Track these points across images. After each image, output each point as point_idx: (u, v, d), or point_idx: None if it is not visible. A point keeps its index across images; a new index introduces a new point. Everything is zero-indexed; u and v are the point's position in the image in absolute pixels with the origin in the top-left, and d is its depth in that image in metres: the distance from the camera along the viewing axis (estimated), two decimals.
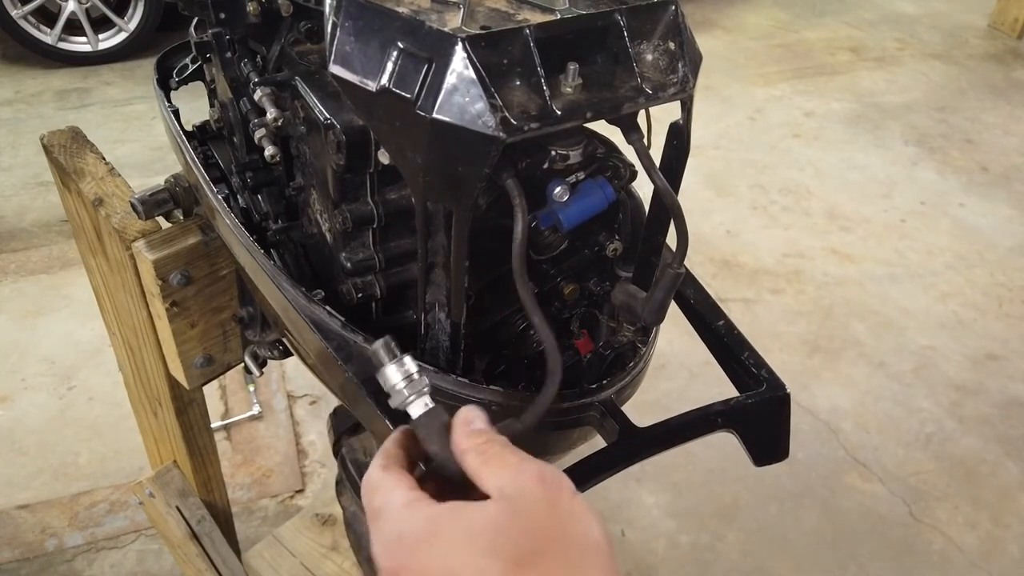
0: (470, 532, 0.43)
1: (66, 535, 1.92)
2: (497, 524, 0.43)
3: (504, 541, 0.42)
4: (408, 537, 0.44)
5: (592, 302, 0.76)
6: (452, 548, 0.43)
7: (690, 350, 2.35)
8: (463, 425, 0.49)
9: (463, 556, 0.42)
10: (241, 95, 0.81)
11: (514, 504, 0.44)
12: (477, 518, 0.44)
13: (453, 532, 0.43)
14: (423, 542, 0.44)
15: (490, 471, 0.46)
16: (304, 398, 2.30)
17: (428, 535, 0.44)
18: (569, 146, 0.59)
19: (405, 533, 0.44)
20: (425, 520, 0.45)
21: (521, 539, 0.43)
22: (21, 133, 3.56)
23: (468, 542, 0.43)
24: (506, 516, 0.44)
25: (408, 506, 0.46)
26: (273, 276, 0.72)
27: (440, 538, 0.43)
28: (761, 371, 0.73)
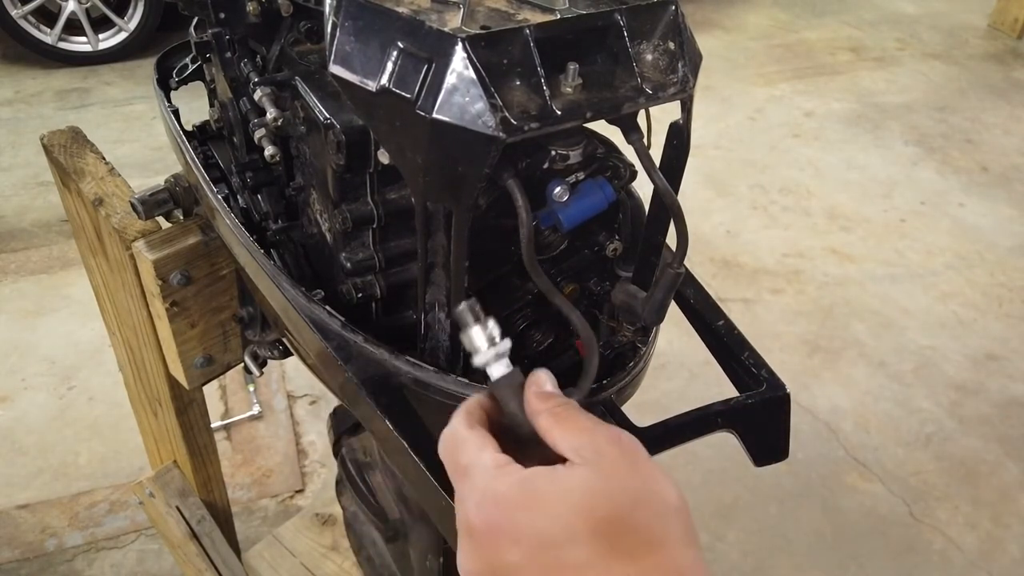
0: (562, 495, 0.44)
1: (66, 535, 1.92)
2: (586, 487, 0.44)
3: (594, 503, 0.44)
4: (504, 499, 0.45)
5: (592, 302, 0.76)
6: (546, 509, 0.44)
7: (690, 350, 2.35)
8: (535, 386, 0.51)
9: (557, 517, 0.43)
10: (241, 95, 0.81)
11: (597, 467, 0.45)
12: (568, 483, 0.45)
13: (546, 495, 0.44)
14: (519, 502, 0.45)
15: (563, 432, 0.48)
16: (304, 398, 2.30)
17: (523, 496, 0.45)
18: (569, 146, 0.59)
19: (499, 493, 0.45)
20: (519, 483, 0.46)
21: (610, 501, 0.44)
22: (21, 133, 3.56)
23: (561, 504, 0.44)
24: (594, 479, 0.45)
25: (500, 468, 0.47)
26: (273, 276, 0.72)
27: (535, 502, 0.44)
28: (761, 371, 0.73)
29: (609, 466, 0.46)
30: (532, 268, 0.56)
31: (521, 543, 0.44)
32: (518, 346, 0.73)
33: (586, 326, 0.56)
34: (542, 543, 0.44)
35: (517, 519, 0.44)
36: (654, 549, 0.44)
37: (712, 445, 0.97)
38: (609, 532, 0.43)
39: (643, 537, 0.44)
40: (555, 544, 0.43)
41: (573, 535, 0.43)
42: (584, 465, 0.46)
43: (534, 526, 0.44)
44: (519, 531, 0.44)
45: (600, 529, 0.43)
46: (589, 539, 0.43)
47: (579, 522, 0.43)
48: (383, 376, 0.63)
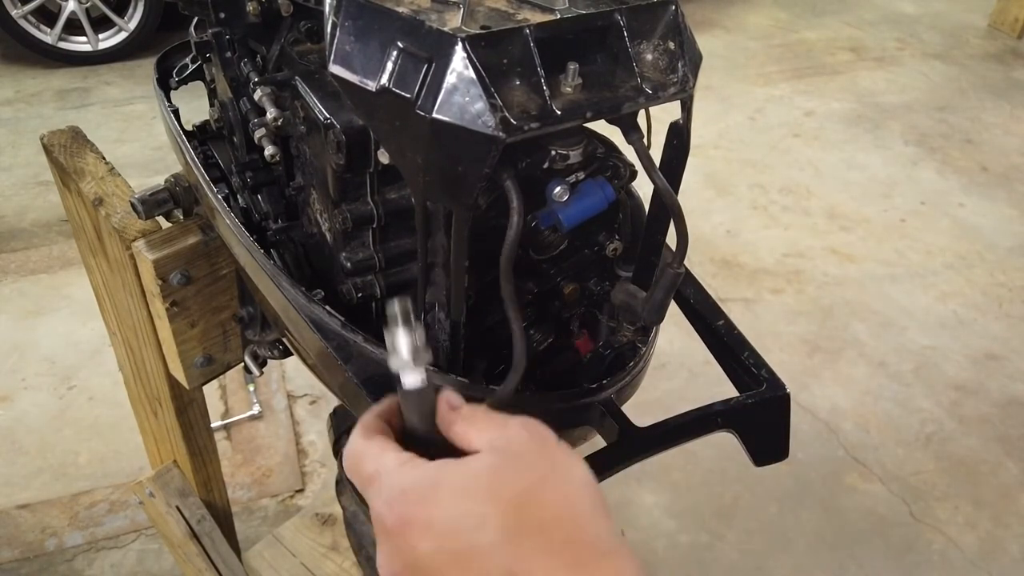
0: (469, 480, 0.45)
1: (66, 535, 1.92)
2: (492, 470, 0.45)
3: (500, 485, 0.44)
4: (411, 491, 0.46)
5: (592, 302, 0.76)
6: (454, 497, 0.44)
7: (690, 350, 2.35)
8: (446, 402, 0.51)
9: (465, 503, 0.44)
10: (241, 95, 0.81)
11: (505, 452, 0.46)
12: (473, 467, 0.46)
13: (453, 482, 0.45)
14: (427, 494, 0.45)
15: (477, 431, 0.49)
16: (304, 398, 2.30)
17: (430, 487, 0.45)
18: (569, 146, 0.59)
19: (407, 487, 0.46)
20: (424, 474, 0.46)
21: (516, 482, 0.45)
22: (21, 133, 3.56)
23: (468, 490, 0.44)
24: (499, 462, 0.46)
25: (404, 464, 0.48)
26: (273, 276, 0.72)
27: (442, 489, 0.45)
28: (761, 371, 0.73)
29: (517, 450, 0.47)
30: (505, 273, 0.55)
31: (432, 531, 0.44)
32: None
33: (521, 339, 0.56)
34: (452, 529, 0.44)
35: (426, 509, 0.45)
36: (563, 524, 0.44)
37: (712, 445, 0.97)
38: (517, 511, 0.43)
39: (551, 513, 0.44)
40: (465, 529, 0.43)
41: (482, 518, 0.43)
42: (490, 452, 0.47)
43: (443, 513, 0.44)
44: (429, 520, 0.44)
45: (508, 510, 0.43)
46: (498, 520, 0.43)
47: (487, 505, 0.44)
48: (383, 376, 0.63)
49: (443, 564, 0.44)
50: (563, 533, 0.44)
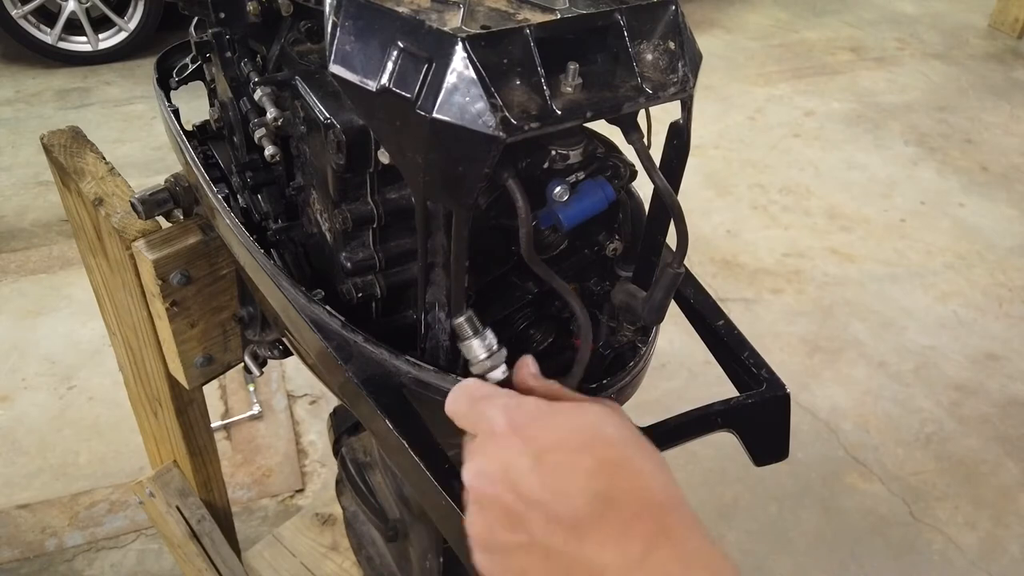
0: (580, 423, 0.50)
1: (66, 535, 1.92)
2: (600, 422, 0.50)
3: (601, 440, 0.49)
4: (531, 408, 0.50)
5: (592, 302, 0.76)
6: (562, 431, 0.49)
7: (690, 350, 2.35)
8: (526, 368, 0.56)
9: (570, 439, 0.48)
10: (241, 95, 0.81)
11: (605, 413, 0.51)
12: (585, 413, 0.51)
13: (566, 418, 0.50)
14: (543, 416, 0.50)
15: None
16: (304, 398, 2.30)
17: (548, 412, 0.50)
18: (569, 146, 0.59)
19: (526, 404, 0.51)
20: (542, 402, 0.51)
21: (621, 430, 0.50)
22: (21, 133, 3.56)
23: (575, 430, 0.49)
24: (604, 418, 0.50)
25: (521, 396, 0.52)
26: (273, 276, 0.72)
27: (557, 417, 0.50)
28: (761, 371, 0.73)
29: (607, 411, 0.51)
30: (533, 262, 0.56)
31: (535, 447, 0.48)
32: (518, 346, 0.73)
33: (585, 313, 0.59)
34: (554, 452, 0.47)
35: (538, 426, 0.49)
36: (644, 494, 0.47)
37: (712, 445, 0.97)
38: (610, 477, 0.47)
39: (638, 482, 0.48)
40: (565, 448, 0.48)
41: (587, 446, 0.48)
42: (597, 408, 0.51)
43: (551, 437, 0.48)
44: (537, 437, 0.48)
45: (603, 470, 0.47)
46: (593, 475, 0.47)
47: (587, 453, 0.48)
48: (383, 376, 0.63)
49: (543, 482, 0.47)
50: (642, 502, 0.47)
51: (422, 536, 1.12)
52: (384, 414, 0.60)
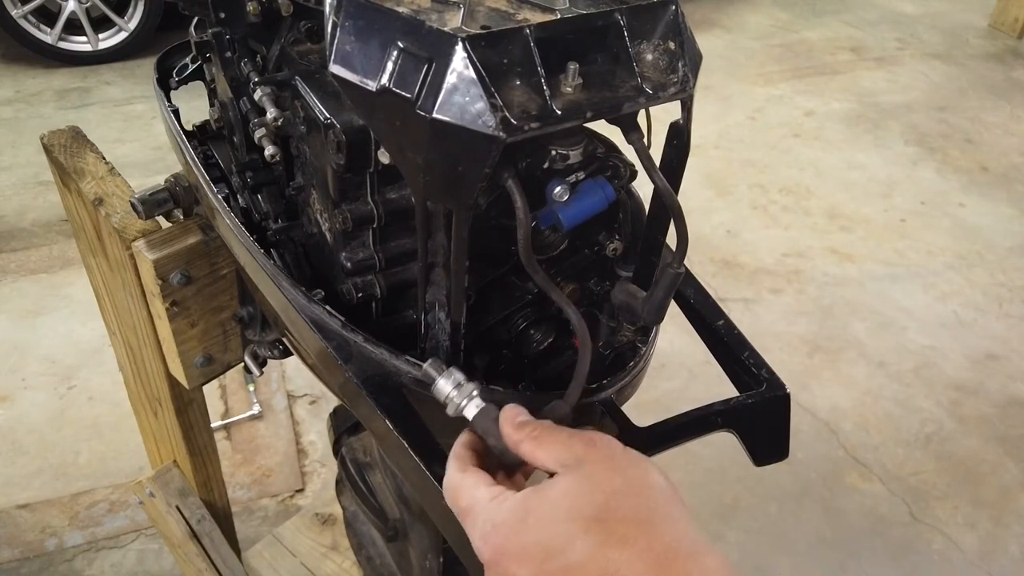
0: (551, 506, 0.49)
1: (66, 535, 1.92)
2: (569, 493, 0.49)
3: (580, 505, 0.48)
4: (501, 525, 0.50)
5: (592, 302, 0.76)
6: (540, 524, 0.48)
7: (690, 350, 2.35)
8: (509, 422, 0.55)
9: (552, 527, 0.48)
10: (241, 95, 0.81)
11: (578, 472, 0.50)
12: (553, 493, 0.49)
13: (537, 511, 0.49)
14: (515, 526, 0.49)
15: (545, 452, 0.52)
16: (304, 398, 2.30)
17: (517, 520, 0.49)
18: (569, 146, 0.59)
19: (498, 522, 0.50)
20: (511, 507, 0.50)
21: (593, 499, 0.48)
22: (21, 133, 3.56)
23: (552, 515, 0.48)
24: (575, 484, 0.49)
25: (493, 499, 0.51)
26: (273, 276, 0.72)
27: (528, 519, 0.49)
28: (761, 371, 0.73)
29: (589, 467, 0.50)
30: (531, 267, 0.56)
31: (527, 558, 0.48)
32: (518, 346, 0.73)
33: (582, 323, 0.58)
34: (545, 554, 0.47)
35: (518, 538, 0.49)
36: (644, 530, 0.47)
37: (712, 445, 0.97)
38: (600, 526, 0.47)
39: (632, 521, 0.48)
40: (557, 551, 0.47)
41: (570, 538, 0.47)
42: (566, 474, 0.50)
43: (534, 541, 0.48)
44: (523, 549, 0.48)
45: (591, 527, 0.47)
46: (584, 537, 0.47)
47: (571, 526, 0.47)
48: (383, 376, 0.63)
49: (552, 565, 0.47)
50: (645, 540, 0.47)
51: (422, 536, 1.12)
52: (384, 414, 0.60)
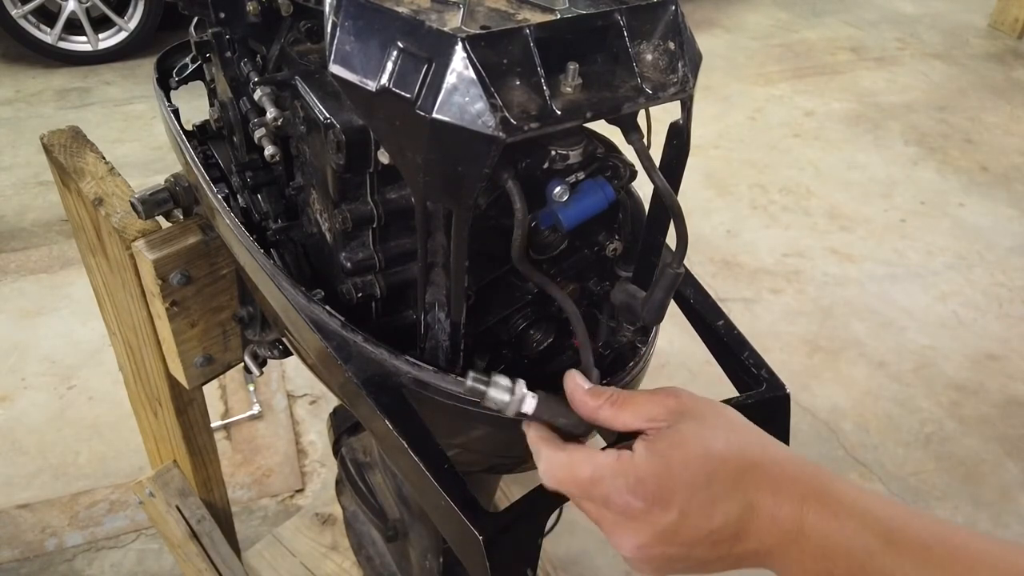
0: (684, 451, 0.52)
1: (66, 534, 1.92)
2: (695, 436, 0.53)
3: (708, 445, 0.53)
4: (648, 477, 0.52)
5: (592, 302, 0.76)
6: (683, 471, 0.52)
7: (690, 350, 2.35)
8: (578, 390, 0.58)
9: (692, 471, 0.52)
10: (241, 95, 0.81)
11: (692, 419, 0.54)
12: (680, 437, 0.53)
13: (676, 457, 0.52)
14: (662, 473, 0.52)
15: (631, 413, 0.56)
16: (304, 398, 2.30)
17: (662, 467, 0.52)
18: (569, 146, 0.59)
19: (641, 475, 0.52)
20: (647, 459, 0.53)
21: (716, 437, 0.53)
22: (21, 132, 3.56)
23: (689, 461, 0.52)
24: (695, 429, 0.54)
25: (619, 459, 0.53)
26: (273, 276, 0.72)
27: (672, 468, 0.52)
28: (761, 371, 0.73)
29: (698, 414, 0.55)
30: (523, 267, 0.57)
31: (676, 502, 0.51)
32: (518, 346, 0.73)
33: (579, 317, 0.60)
34: (691, 492, 0.51)
35: (669, 484, 0.52)
36: (767, 457, 0.53)
37: None
38: (728, 462, 0.52)
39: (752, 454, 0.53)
40: (700, 489, 0.51)
41: (709, 476, 0.52)
42: (680, 423, 0.54)
43: (684, 484, 0.51)
44: (673, 493, 0.51)
45: (726, 461, 0.52)
46: (722, 472, 0.52)
47: (708, 464, 0.52)
48: (383, 376, 0.63)
49: (688, 525, 0.51)
50: (768, 466, 0.53)
51: (422, 536, 1.12)
52: (384, 414, 0.60)
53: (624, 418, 0.56)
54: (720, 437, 0.53)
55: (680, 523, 0.51)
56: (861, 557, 0.50)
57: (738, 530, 0.52)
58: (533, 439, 0.59)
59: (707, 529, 0.51)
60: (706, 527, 0.51)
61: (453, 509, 0.56)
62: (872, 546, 0.50)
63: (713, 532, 0.51)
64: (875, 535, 0.50)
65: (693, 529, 0.51)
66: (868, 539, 0.50)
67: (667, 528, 0.52)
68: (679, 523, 0.51)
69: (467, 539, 0.56)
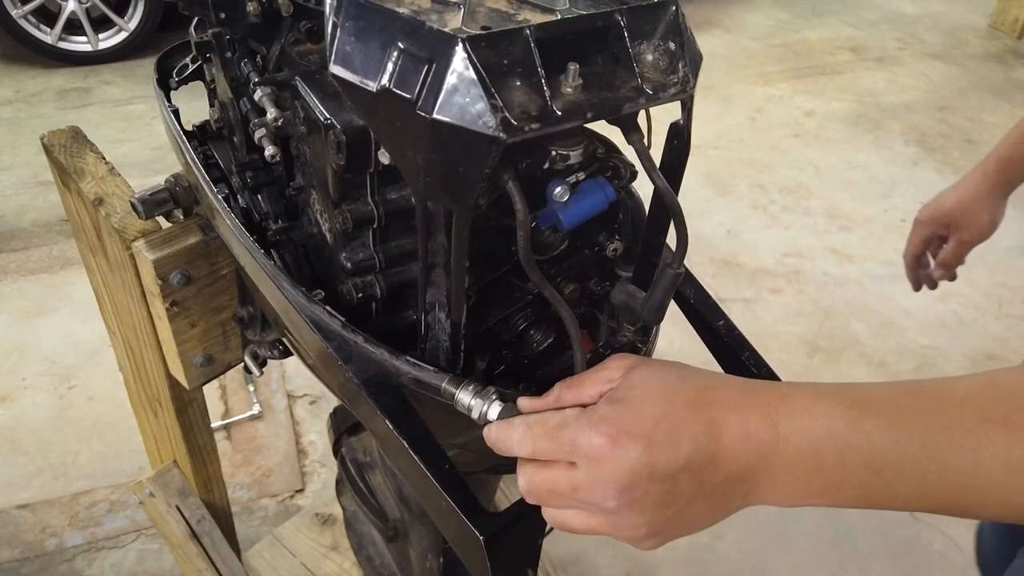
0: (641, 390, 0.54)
1: (66, 535, 1.92)
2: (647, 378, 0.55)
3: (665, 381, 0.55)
4: (608, 415, 0.53)
5: (592, 302, 0.76)
6: (643, 403, 0.53)
7: (690, 350, 2.35)
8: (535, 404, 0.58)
9: (652, 404, 0.53)
10: (241, 95, 0.81)
11: (639, 367, 0.57)
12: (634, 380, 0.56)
13: (634, 397, 0.54)
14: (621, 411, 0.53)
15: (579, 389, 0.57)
16: (304, 398, 2.30)
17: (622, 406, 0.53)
18: (569, 146, 0.59)
19: (602, 414, 0.53)
20: (608, 404, 0.54)
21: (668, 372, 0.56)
22: (21, 133, 3.56)
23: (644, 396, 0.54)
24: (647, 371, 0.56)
25: (584, 409, 0.54)
26: (273, 276, 0.72)
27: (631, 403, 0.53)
28: (761, 371, 0.73)
29: (642, 363, 0.57)
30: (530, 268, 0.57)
31: (639, 434, 0.51)
32: (518, 346, 0.73)
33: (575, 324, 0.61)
34: (654, 423, 0.52)
35: (630, 418, 0.52)
36: (722, 383, 0.56)
37: None
38: (689, 391, 0.54)
39: (706, 384, 0.55)
40: (662, 417, 0.52)
41: (669, 404, 0.53)
42: (631, 372, 0.56)
43: (645, 415, 0.52)
44: (635, 425, 0.52)
45: (686, 391, 0.54)
46: (680, 400, 0.53)
47: (668, 395, 0.53)
48: (383, 376, 0.63)
49: (659, 454, 0.51)
50: (724, 389, 0.55)
51: (422, 536, 1.12)
52: (384, 414, 0.60)
53: (585, 390, 0.57)
54: (672, 372, 0.56)
55: (651, 453, 0.51)
56: (843, 432, 0.50)
57: (712, 454, 0.51)
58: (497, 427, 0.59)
59: (680, 457, 0.51)
60: (678, 455, 0.51)
61: (453, 509, 0.56)
62: (848, 417, 0.50)
63: (688, 460, 0.51)
64: (847, 408, 0.51)
65: (666, 458, 0.51)
66: (842, 413, 0.51)
67: (639, 461, 0.51)
68: (650, 453, 0.51)
69: (467, 539, 0.56)
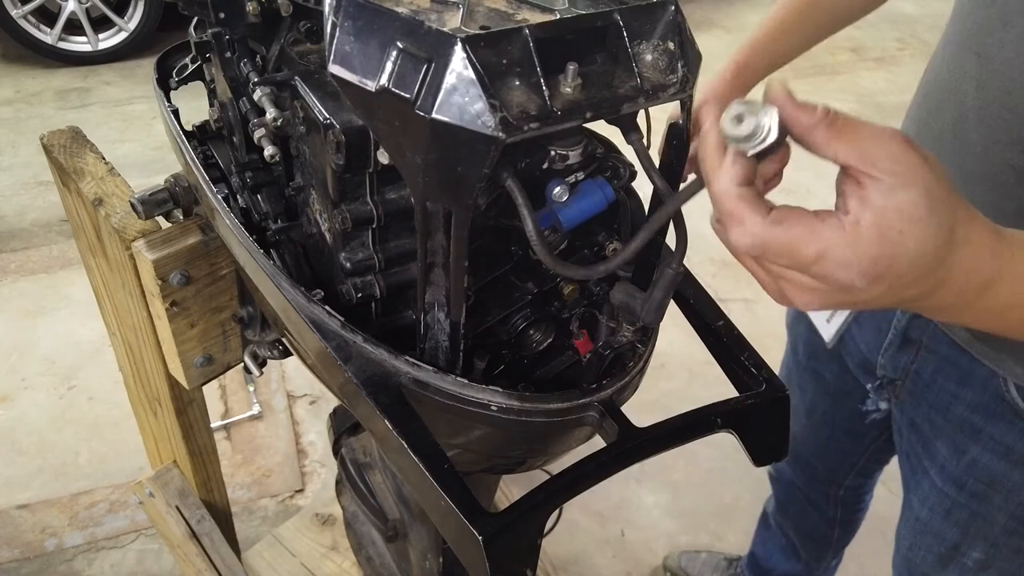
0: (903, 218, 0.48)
1: (66, 535, 1.92)
2: (913, 203, 0.48)
3: (928, 208, 0.48)
4: (881, 256, 0.48)
5: (592, 302, 0.76)
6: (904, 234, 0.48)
7: (690, 350, 2.35)
8: (789, 102, 0.49)
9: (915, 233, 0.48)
10: (241, 95, 0.81)
11: (911, 182, 0.48)
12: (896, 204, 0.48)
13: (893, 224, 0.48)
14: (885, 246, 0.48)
15: (849, 146, 0.49)
16: (304, 398, 2.31)
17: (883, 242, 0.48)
18: (568, 146, 0.59)
19: (874, 256, 0.48)
20: (866, 231, 0.48)
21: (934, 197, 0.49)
22: (21, 133, 3.56)
23: (913, 219, 0.48)
24: (919, 193, 0.48)
25: (845, 233, 0.49)
26: (273, 276, 0.72)
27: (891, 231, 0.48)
28: (761, 371, 0.73)
29: (920, 172, 0.48)
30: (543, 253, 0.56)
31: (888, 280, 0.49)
32: (518, 346, 0.73)
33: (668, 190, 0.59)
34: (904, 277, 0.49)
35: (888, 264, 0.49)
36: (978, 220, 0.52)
37: (712, 445, 0.97)
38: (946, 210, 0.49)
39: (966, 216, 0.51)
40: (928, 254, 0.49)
41: (938, 227, 0.48)
42: (892, 191, 0.48)
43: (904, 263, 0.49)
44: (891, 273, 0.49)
45: (941, 217, 0.49)
46: (942, 224, 0.49)
47: (931, 220, 0.48)
48: (383, 376, 0.63)
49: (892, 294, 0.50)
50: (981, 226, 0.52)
51: (421, 536, 1.12)
52: (384, 414, 0.60)
53: (839, 148, 0.48)
54: (937, 194, 0.49)
55: (881, 295, 0.50)
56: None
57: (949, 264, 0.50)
58: (729, 196, 0.54)
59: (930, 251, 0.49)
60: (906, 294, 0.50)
61: (453, 509, 0.56)
62: None
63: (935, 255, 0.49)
64: None
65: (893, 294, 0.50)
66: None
67: (868, 300, 0.50)
68: (881, 295, 0.50)
69: (467, 539, 0.56)
